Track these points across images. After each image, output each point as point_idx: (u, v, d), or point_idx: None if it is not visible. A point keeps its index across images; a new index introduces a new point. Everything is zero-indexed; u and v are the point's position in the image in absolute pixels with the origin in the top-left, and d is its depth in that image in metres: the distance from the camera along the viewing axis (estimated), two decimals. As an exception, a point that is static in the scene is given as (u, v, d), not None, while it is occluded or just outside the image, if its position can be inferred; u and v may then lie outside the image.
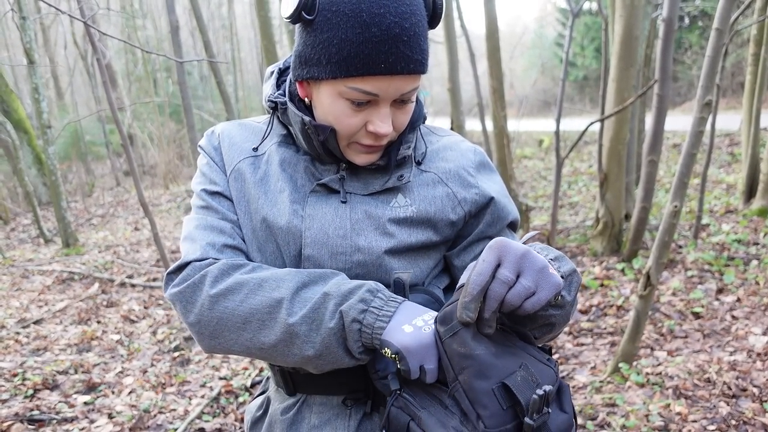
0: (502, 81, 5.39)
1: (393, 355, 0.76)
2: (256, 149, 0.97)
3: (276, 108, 0.96)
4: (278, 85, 0.98)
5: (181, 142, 13.36)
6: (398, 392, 0.79)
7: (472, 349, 0.70)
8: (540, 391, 0.68)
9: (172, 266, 0.91)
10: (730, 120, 10.05)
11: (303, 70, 0.85)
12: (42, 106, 6.98)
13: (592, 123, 4.06)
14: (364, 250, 0.89)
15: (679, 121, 10.86)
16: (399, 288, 0.87)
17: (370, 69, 0.79)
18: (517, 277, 0.70)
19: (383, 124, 0.84)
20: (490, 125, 6.58)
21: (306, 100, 0.91)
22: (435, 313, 0.81)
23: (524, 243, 0.84)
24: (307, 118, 0.88)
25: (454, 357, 0.72)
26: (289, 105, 0.91)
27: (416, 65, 0.81)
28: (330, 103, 0.84)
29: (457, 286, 0.76)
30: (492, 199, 0.96)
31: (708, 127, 4.72)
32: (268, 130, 0.98)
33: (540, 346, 0.84)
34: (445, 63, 6.03)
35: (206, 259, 0.89)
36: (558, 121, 4.68)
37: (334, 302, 0.81)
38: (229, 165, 0.97)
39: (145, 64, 14.80)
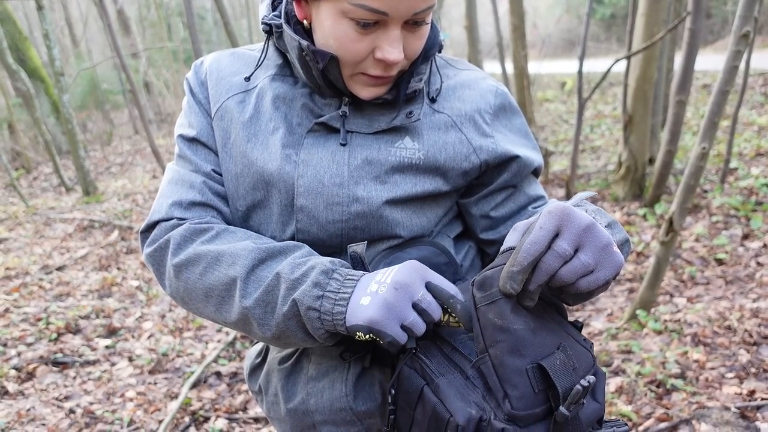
0: (524, 18, 5.12)
1: (367, 337, 0.69)
2: (248, 78, 0.87)
3: (271, 32, 0.84)
4: (274, 7, 0.86)
5: (197, 89, 13.20)
6: (414, 351, 0.72)
7: (511, 323, 0.63)
8: (584, 383, 0.61)
9: (143, 225, 0.86)
10: (765, 59, 9.52)
11: None
12: (54, 53, 6.90)
13: (617, 60, 3.84)
14: (362, 201, 0.81)
15: (710, 61, 10.33)
16: (356, 262, 0.78)
17: None
18: (576, 251, 0.61)
19: (393, 49, 0.74)
20: (510, 68, 6.33)
21: (305, 22, 0.79)
22: (387, 270, 0.72)
23: (575, 205, 0.73)
24: (305, 43, 0.77)
25: (488, 328, 0.64)
26: (285, 28, 0.79)
27: None
28: (331, 24, 0.73)
29: (503, 248, 0.68)
30: (517, 156, 0.86)
31: (742, 64, 4.46)
32: (261, 58, 0.87)
33: (571, 322, 0.77)
34: (465, 1, 5.75)
35: (171, 219, 0.84)
36: (581, 60, 4.45)
37: (285, 287, 0.74)
38: (215, 102, 0.88)
39: (158, 8, 14.50)
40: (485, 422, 0.63)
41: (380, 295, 0.69)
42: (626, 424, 0.69)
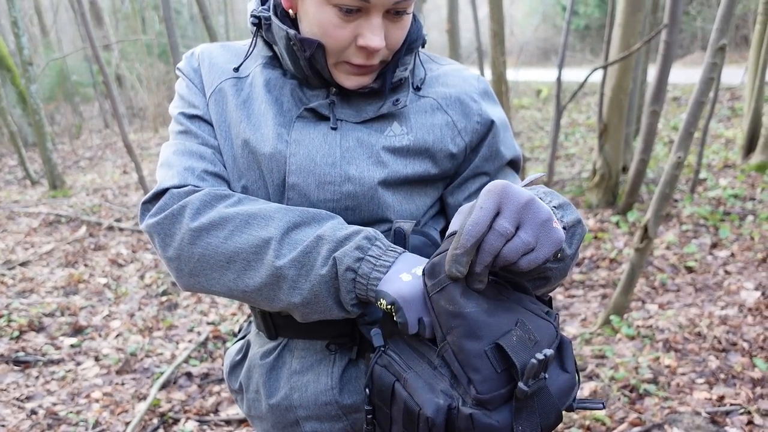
0: (503, 25, 5.16)
1: (388, 306, 0.68)
2: (237, 69, 0.88)
3: (260, 25, 0.85)
4: (263, 2, 0.88)
5: (171, 84, 12.97)
6: (382, 349, 0.71)
7: (462, 307, 0.62)
8: (540, 356, 0.59)
9: (148, 195, 0.82)
10: (732, 74, 9.81)
11: None
12: (22, 41, 6.67)
13: (595, 69, 3.91)
14: (355, 180, 0.81)
15: (681, 74, 10.62)
16: (399, 238, 0.79)
17: None
18: (517, 229, 0.61)
19: (374, 36, 0.75)
20: (488, 74, 6.37)
21: (291, 12, 0.81)
22: None
23: (525, 186, 0.74)
24: (292, 32, 0.78)
25: (442, 315, 0.64)
26: (273, 19, 0.81)
27: None
28: (316, 11, 0.75)
29: (448, 233, 0.67)
30: (492, 123, 0.87)
31: (713, 78, 4.57)
32: (250, 50, 0.88)
33: (539, 296, 0.76)
34: (444, 6, 5.79)
35: (185, 186, 0.80)
36: (560, 68, 4.52)
37: (328, 247, 0.73)
38: (210, 86, 0.88)
39: (132, 1, 14.20)
40: (455, 410, 0.62)
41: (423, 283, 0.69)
42: (602, 403, 0.68)
